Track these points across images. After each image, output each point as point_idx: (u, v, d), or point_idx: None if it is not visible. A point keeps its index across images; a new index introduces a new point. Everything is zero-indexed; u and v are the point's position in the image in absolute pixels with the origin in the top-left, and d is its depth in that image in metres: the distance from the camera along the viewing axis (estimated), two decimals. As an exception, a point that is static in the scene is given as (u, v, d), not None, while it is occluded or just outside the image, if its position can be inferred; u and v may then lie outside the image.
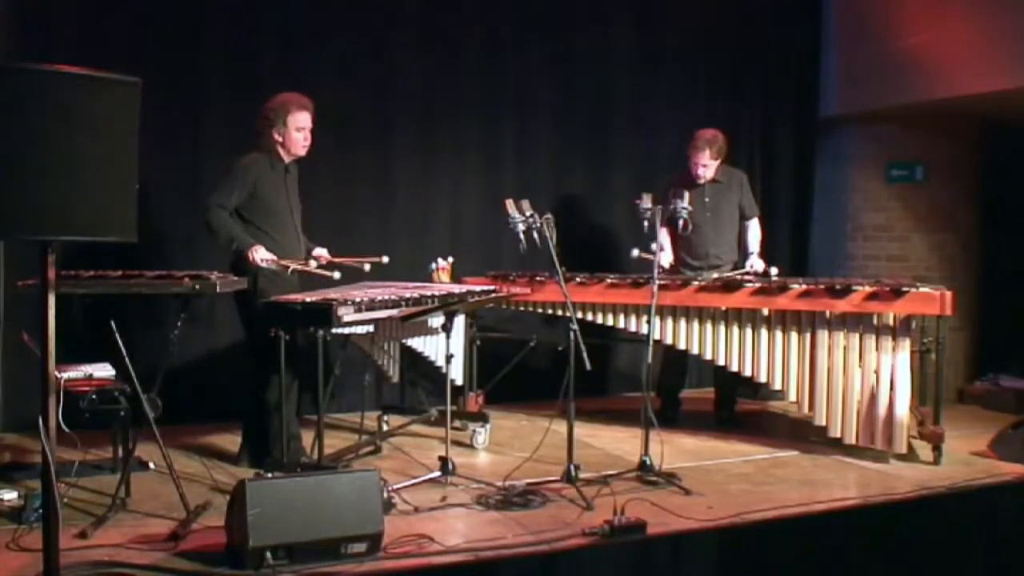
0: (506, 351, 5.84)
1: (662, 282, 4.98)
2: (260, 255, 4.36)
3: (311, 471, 3.87)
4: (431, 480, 4.25)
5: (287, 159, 4.59)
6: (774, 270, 5.42)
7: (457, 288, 5.13)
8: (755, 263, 5.66)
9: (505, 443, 5.24)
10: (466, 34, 6.32)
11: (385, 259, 4.86)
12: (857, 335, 4.83)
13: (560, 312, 5.47)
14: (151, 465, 4.41)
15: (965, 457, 4.97)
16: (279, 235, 4.53)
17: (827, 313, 4.89)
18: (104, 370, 4.17)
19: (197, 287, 3.90)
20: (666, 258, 5.64)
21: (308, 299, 4.12)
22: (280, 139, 4.52)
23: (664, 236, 5.51)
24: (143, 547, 3.36)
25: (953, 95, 6.22)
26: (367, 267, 4.72)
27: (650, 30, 6.88)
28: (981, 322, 7.16)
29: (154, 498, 3.96)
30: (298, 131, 4.52)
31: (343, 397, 5.75)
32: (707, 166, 5.61)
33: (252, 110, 5.59)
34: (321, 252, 4.87)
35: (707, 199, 5.67)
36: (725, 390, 5.93)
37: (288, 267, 4.47)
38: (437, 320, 4.95)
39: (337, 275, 4.54)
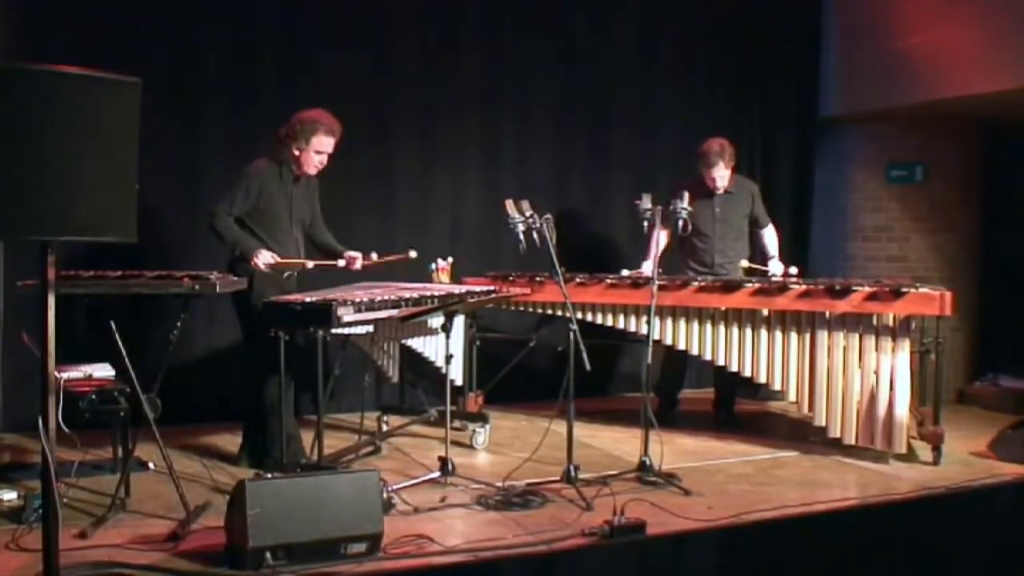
0: (506, 351, 5.84)
1: (662, 282, 4.98)
2: (263, 259, 4.37)
3: (311, 471, 3.87)
4: (431, 480, 4.25)
5: (297, 173, 4.60)
6: (793, 269, 5.54)
7: (457, 288, 5.13)
8: (775, 267, 5.72)
9: (505, 443, 5.24)
10: (466, 34, 6.32)
11: (413, 254, 4.92)
12: (857, 335, 4.83)
13: (560, 312, 5.47)
14: (151, 465, 4.41)
15: (965, 457, 4.98)
16: (276, 245, 4.52)
17: (827, 313, 4.89)
18: (104, 370, 4.17)
19: (197, 287, 3.90)
20: (648, 266, 5.55)
21: (308, 299, 4.12)
22: (297, 154, 4.53)
23: (654, 240, 5.43)
24: (143, 547, 3.36)
25: (953, 95, 6.21)
26: (342, 265, 4.78)
27: (650, 30, 6.88)
28: (981, 322, 7.16)
29: (154, 498, 3.96)
30: (317, 154, 4.55)
31: (343, 397, 5.75)
32: (723, 176, 5.61)
33: (252, 110, 5.65)
34: (353, 255, 4.83)
35: (717, 209, 5.68)
36: (725, 390, 5.92)
37: (290, 265, 4.50)
38: (437, 320, 4.95)
39: (342, 263, 4.62)
